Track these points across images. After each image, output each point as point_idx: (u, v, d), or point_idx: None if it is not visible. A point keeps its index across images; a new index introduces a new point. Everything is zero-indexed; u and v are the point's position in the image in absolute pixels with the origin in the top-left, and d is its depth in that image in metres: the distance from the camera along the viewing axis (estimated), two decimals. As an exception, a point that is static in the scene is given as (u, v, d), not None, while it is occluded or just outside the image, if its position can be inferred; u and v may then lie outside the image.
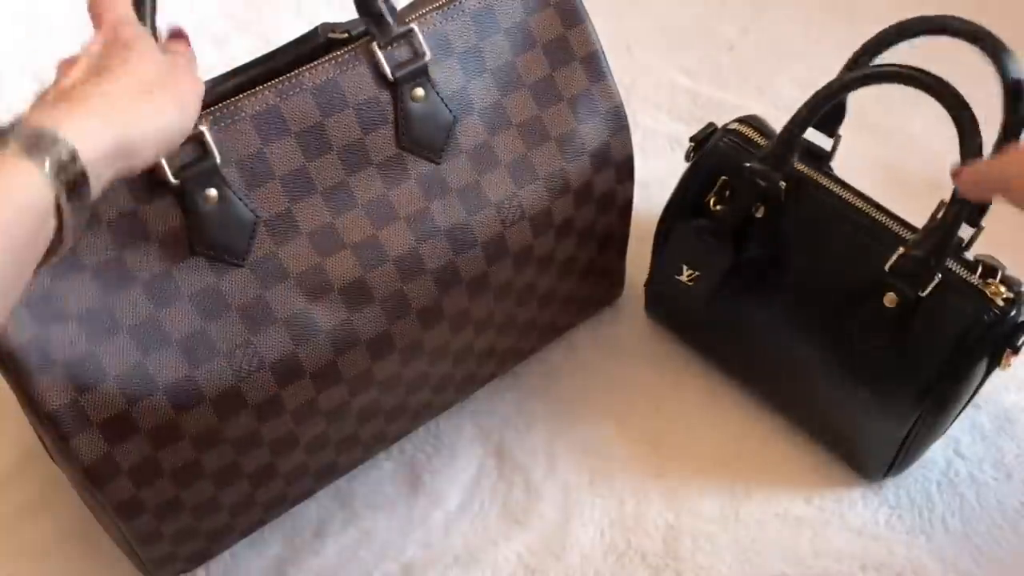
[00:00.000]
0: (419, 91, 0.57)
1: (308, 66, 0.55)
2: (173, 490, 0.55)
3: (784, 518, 0.66)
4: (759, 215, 0.63)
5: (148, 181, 0.51)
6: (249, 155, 0.53)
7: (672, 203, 0.68)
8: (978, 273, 0.59)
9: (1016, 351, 0.59)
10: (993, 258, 0.60)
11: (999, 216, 0.80)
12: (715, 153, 0.66)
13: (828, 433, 0.67)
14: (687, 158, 0.68)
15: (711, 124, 0.68)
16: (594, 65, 0.63)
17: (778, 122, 0.68)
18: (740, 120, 0.67)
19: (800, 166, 0.63)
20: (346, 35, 0.60)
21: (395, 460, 0.69)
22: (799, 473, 0.68)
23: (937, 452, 0.69)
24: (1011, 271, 0.60)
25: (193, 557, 0.61)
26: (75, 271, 0.50)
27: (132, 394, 0.51)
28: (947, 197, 0.61)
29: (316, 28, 0.61)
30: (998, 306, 0.58)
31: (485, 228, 0.59)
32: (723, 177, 0.65)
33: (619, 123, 0.64)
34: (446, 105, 0.58)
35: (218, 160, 0.51)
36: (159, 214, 0.51)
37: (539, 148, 0.61)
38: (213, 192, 0.52)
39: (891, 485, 0.67)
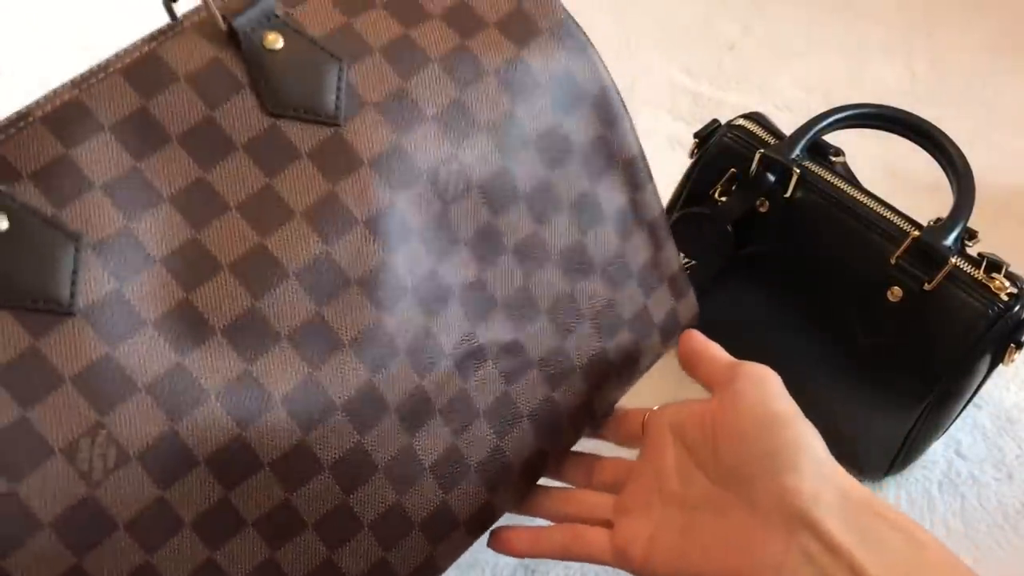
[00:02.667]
0: (273, 36, 0.41)
1: (118, 51, 0.41)
2: None
3: (785, 518, 0.66)
4: (763, 209, 0.63)
5: None
6: (46, 164, 0.37)
7: (676, 196, 0.68)
8: (982, 268, 0.59)
9: (1019, 346, 0.59)
10: (996, 255, 0.60)
11: (999, 215, 0.80)
12: (720, 148, 0.66)
13: (829, 430, 0.67)
14: (691, 155, 0.68)
15: (715, 120, 0.68)
16: None
17: (778, 121, 0.68)
18: (744, 116, 0.67)
19: (805, 161, 0.63)
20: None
21: (395, 460, 0.69)
22: (800, 473, 0.68)
23: (938, 452, 0.68)
24: (1013, 269, 0.60)
25: None
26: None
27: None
28: (949, 198, 0.61)
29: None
30: (1003, 301, 0.58)
31: (419, 208, 0.43)
32: (732, 169, 0.65)
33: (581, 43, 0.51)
34: (323, 48, 0.42)
35: None
36: None
37: (475, 85, 0.45)
38: (2, 218, 0.36)
39: (892, 485, 0.67)
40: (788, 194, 0.62)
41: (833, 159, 0.65)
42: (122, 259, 0.38)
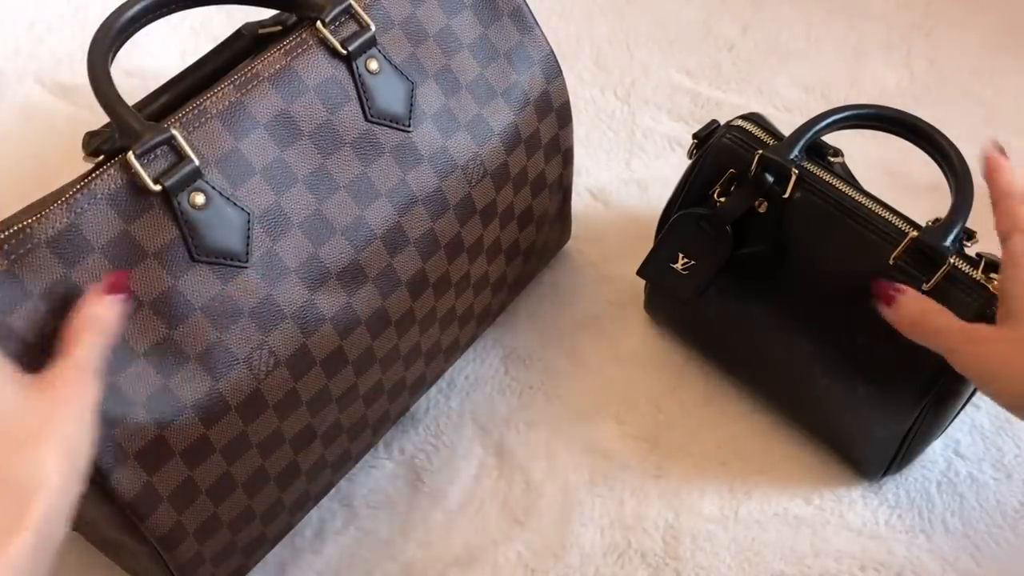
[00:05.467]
0: (373, 63, 0.57)
1: (258, 59, 0.55)
2: (211, 508, 0.55)
3: (784, 518, 0.66)
4: (761, 210, 0.64)
5: (131, 195, 0.49)
6: (225, 153, 0.52)
7: (675, 196, 0.68)
8: (980, 268, 0.59)
9: (1017, 347, 0.59)
10: (994, 255, 0.60)
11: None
12: (719, 148, 0.66)
13: (828, 431, 0.67)
14: (689, 155, 0.69)
15: (714, 121, 0.68)
16: (521, 18, 0.65)
17: (777, 122, 0.68)
18: (743, 117, 0.67)
19: (804, 162, 0.64)
20: (279, 27, 0.61)
21: (395, 460, 0.69)
22: (799, 473, 0.68)
23: (937, 452, 0.69)
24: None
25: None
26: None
27: (162, 418, 0.50)
28: (947, 199, 0.61)
29: (239, 30, 0.60)
30: (1001, 301, 0.58)
31: (455, 191, 0.61)
32: (731, 170, 0.65)
33: (554, 70, 0.66)
34: (401, 72, 0.59)
35: (197, 162, 0.50)
36: (150, 229, 0.50)
37: (490, 105, 0.63)
38: (200, 195, 0.51)
39: (891, 485, 0.67)
40: (787, 194, 0.63)
41: (832, 160, 0.65)
42: (274, 226, 0.53)
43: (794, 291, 0.63)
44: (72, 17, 0.96)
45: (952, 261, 0.58)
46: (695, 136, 0.68)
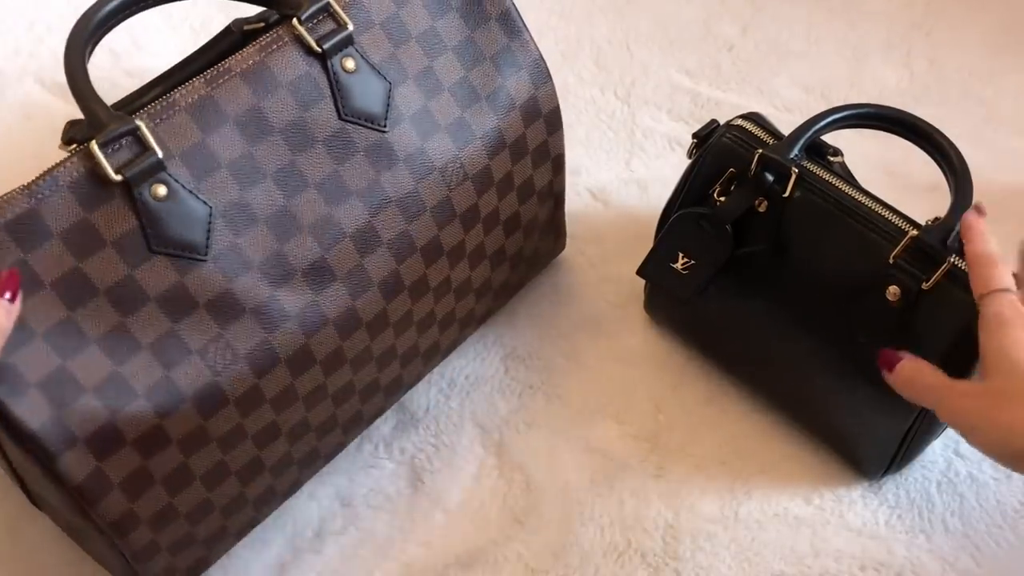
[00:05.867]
0: (349, 61, 0.57)
1: (234, 55, 0.55)
2: (166, 498, 0.55)
3: (784, 518, 0.66)
4: (761, 209, 0.64)
5: (92, 183, 0.49)
6: (192, 146, 0.52)
7: (675, 196, 0.68)
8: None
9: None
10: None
11: (997, 214, 0.80)
12: (719, 148, 0.66)
13: (828, 430, 0.67)
14: (689, 155, 0.69)
15: (713, 120, 0.68)
16: (509, 22, 0.64)
17: (777, 122, 0.68)
18: (743, 116, 0.67)
19: (804, 161, 0.64)
20: (262, 24, 0.61)
21: (395, 460, 0.69)
22: (799, 473, 0.68)
23: (937, 452, 0.69)
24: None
25: (193, 567, 0.61)
26: (34, 288, 0.48)
27: (113, 405, 0.50)
28: (947, 198, 0.61)
29: (229, 26, 0.61)
30: (999, 300, 0.58)
31: (432, 193, 0.60)
32: (731, 169, 0.65)
33: (542, 76, 0.65)
34: (379, 72, 0.58)
35: (160, 154, 0.50)
36: (110, 218, 0.50)
37: (472, 108, 0.62)
38: (161, 187, 0.51)
39: (891, 485, 0.67)
40: (787, 194, 0.63)
41: (831, 159, 0.65)
42: (238, 221, 0.53)
43: (794, 290, 0.63)
44: (72, 17, 0.95)
45: (952, 260, 0.58)
46: (695, 136, 0.68)
